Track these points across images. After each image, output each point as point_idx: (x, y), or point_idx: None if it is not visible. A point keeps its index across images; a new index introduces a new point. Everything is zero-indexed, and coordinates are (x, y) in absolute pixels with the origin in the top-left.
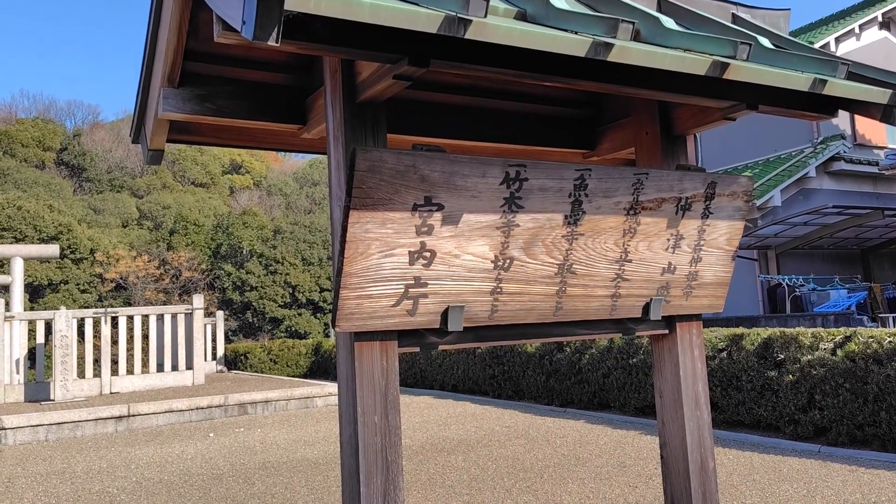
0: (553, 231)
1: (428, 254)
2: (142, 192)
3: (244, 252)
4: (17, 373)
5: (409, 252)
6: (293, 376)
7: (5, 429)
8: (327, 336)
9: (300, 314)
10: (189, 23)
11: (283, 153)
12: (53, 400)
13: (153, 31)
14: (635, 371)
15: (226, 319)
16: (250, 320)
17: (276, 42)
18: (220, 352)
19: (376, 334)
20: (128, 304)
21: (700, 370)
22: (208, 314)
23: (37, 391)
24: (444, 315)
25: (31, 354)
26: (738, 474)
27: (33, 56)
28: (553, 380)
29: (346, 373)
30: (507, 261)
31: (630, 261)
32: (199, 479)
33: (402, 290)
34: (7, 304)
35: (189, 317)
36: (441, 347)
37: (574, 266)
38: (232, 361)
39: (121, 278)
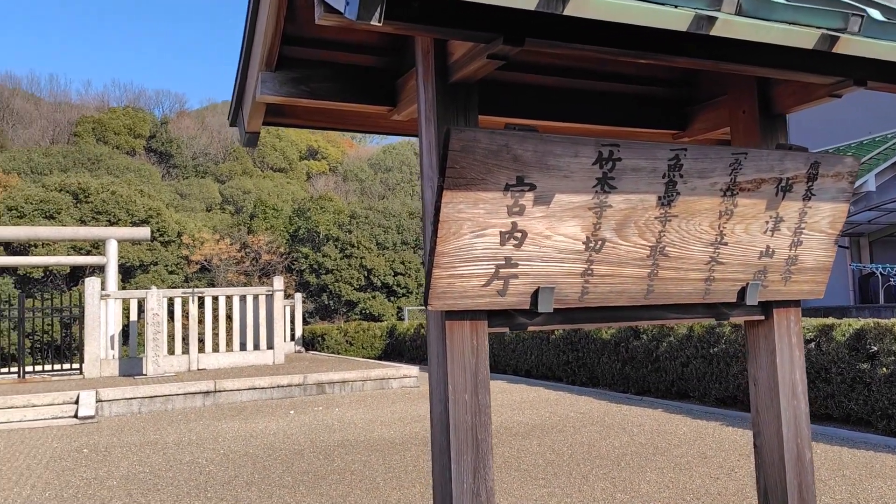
0: (646, 212)
1: (519, 234)
2: (224, 178)
3: (321, 236)
4: (112, 348)
5: (501, 232)
6: (368, 358)
7: (102, 401)
8: (401, 319)
9: (374, 297)
10: (287, 7)
11: (358, 139)
12: (145, 375)
13: (252, 17)
14: (716, 360)
15: (303, 301)
16: (326, 303)
17: (379, 22)
18: (298, 332)
19: (467, 313)
20: (211, 285)
21: (798, 358)
22: (287, 296)
23: (130, 366)
24: (534, 296)
25: (125, 331)
26: (826, 468)
27: (124, 48)
28: (629, 367)
29: (436, 351)
30: (599, 242)
31: (726, 244)
32: (281, 453)
33: (493, 271)
34: (103, 284)
35: (270, 298)
36: (529, 328)
37: (667, 248)
38: (309, 342)
39: (205, 260)
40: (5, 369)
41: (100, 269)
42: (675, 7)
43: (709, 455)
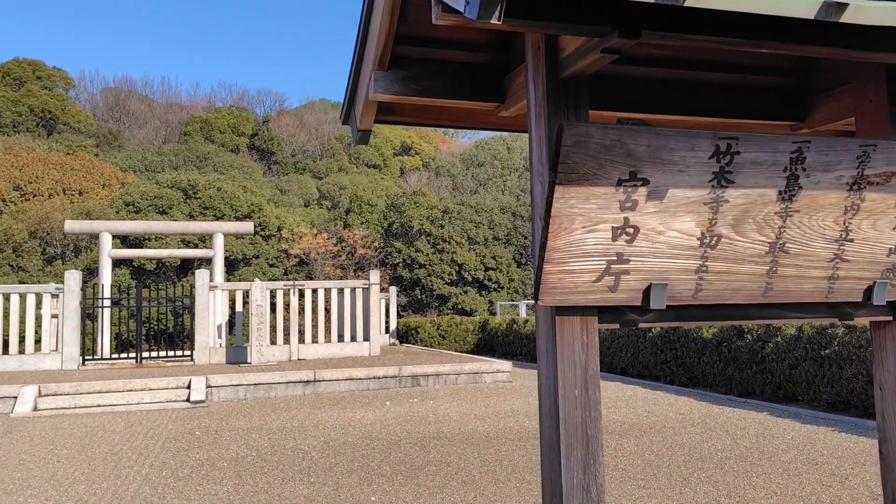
0: (765, 207)
1: (631, 230)
2: (321, 174)
3: (414, 231)
4: (219, 337)
5: (612, 228)
6: (460, 351)
7: (211, 387)
8: (492, 314)
9: (466, 292)
10: (400, 8)
11: (450, 134)
12: (249, 363)
13: (366, 19)
14: (828, 363)
15: (397, 295)
16: (419, 296)
17: (499, 20)
18: (393, 325)
19: (577, 309)
20: (309, 278)
21: None
22: (382, 290)
23: (236, 354)
24: (646, 292)
25: (230, 321)
26: None
27: (230, 50)
28: (731, 368)
29: (546, 346)
30: (715, 238)
31: (851, 240)
32: (379, 443)
33: (604, 266)
34: (210, 276)
35: (366, 291)
36: (640, 325)
37: (787, 245)
38: (403, 335)
39: (303, 254)
40: (124, 355)
41: (207, 262)
42: None
43: (819, 462)
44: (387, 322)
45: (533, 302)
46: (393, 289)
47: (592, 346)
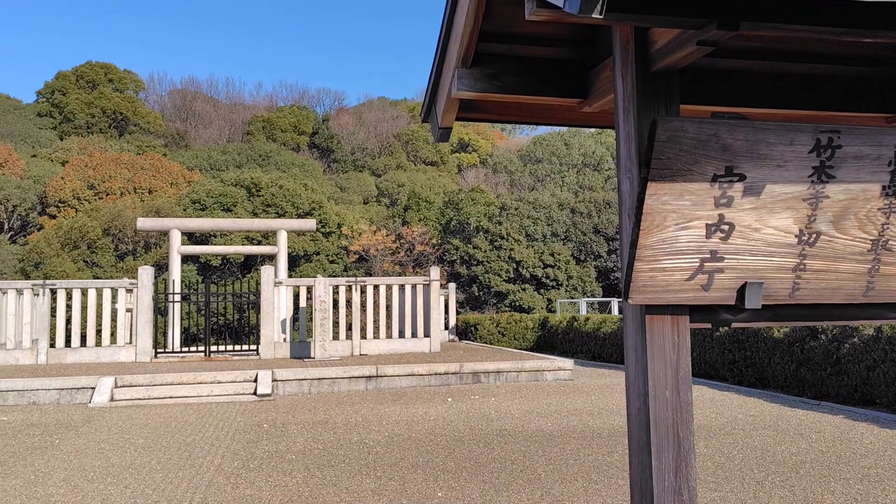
0: (868, 203)
1: (726, 227)
2: (380, 171)
3: (471, 227)
4: (284, 332)
5: (706, 224)
6: (519, 349)
7: (277, 380)
8: (551, 311)
9: (524, 289)
10: (485, 5)
11: (507, 130)
12: (313, 358)
13: (449, 17)
14: None
15: (455, 292)
16: (476, 293)
17: (600, 14)
18: (452, 322)
19: (668, 308)
20: (368, 274)
21: None
22: (441, 286)
23: (299, 349)
24: (740, 291)
25: (294, 316)
26: None
27: (291, 49)
28: (804, 369)
29: (634, 346)
30: (813, 235)
31: None
32: (442, 439)
33: (697, 264)
34: (275, 272)
35: (426, 288)
36: (734, 325)
37: (890, 242)
38: (462, 331)
39: (362, 251)
40: (193, 348)
41: (270, 258)
42: None
43: None
44: (446, 319)
45: (592, 300)
46: (452, 285)
47: (684, 346)
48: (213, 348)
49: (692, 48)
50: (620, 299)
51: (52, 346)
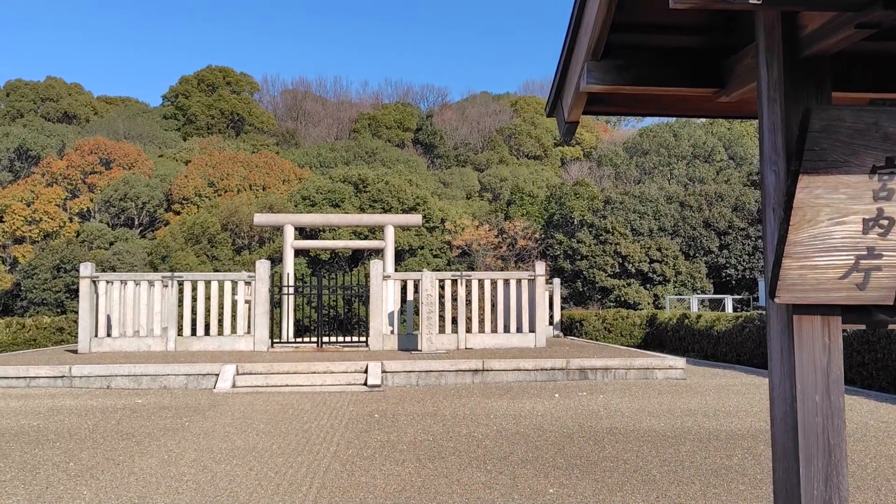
0: None
1: (885, 222)
2: (482, 166)
3: (575, 222)
4: (391, 325)
5: (864, 220)
6: (626, 346)
7: (386, 372)
8: (659, 308)
9: (629, 284)
10: None
11: (612, 122)
12: (420, 351)
13: (579, 9)
14: None
15: (559, 287)
16: (580, 289)
17: (760, 0)
18: (557, 317)
19: (818, 308)
20: (471, 268)
21: None
22: (546, 281)
23: (406, 342)
24: None
25: (401, 309)
26: None
27: (396, 47)
28: None
29: (780, 347)
30: None
31: None
32: (551, 435)
33: (852, 262)
34: (382, 266)
35: (531, 283)
36: (890, 326)
37: None
38: (567, 327)
39: (465, 245)
40: (305, 339)
41: (376, 253)
42: None
43: None
44: (550, 314)
45: (704, 296)
46: (556, 280)
47: (835, 348)
48: (324, 339)
49: (849, 31)
50: (734, 296)
51: (180, 334)
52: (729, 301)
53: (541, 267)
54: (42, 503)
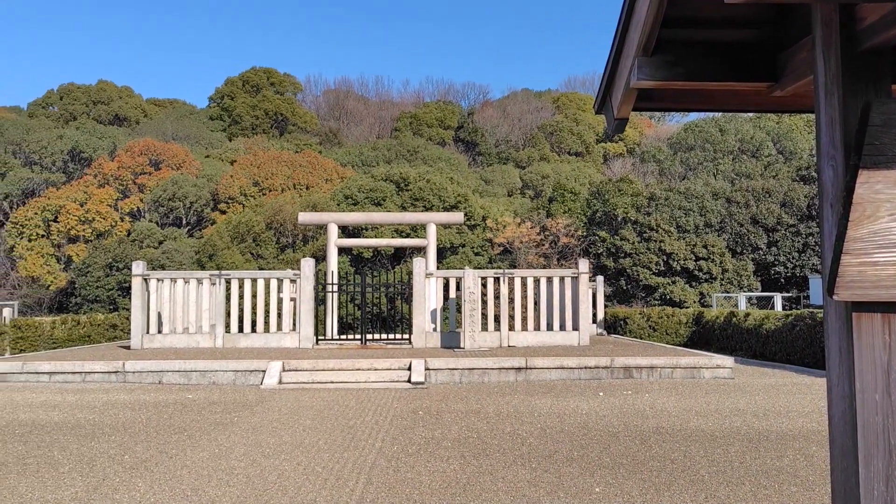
0: None
1: None
2: (523, 164)
3: (618, 219)
4: (433, 322)
5: None
6: (672, 345)
7: (429, 369)
8: (705, 306)
9: (674, 282)
10: None
11: (656, 118)
12: (462, 348)
13: (629, 5)
14: None
15: (603, 285)
16: (624, 287)
17: None
18: (600, 315)
19: (878, 305)
20: (512, 266)
21: None
22: (589, 279)
23: (449, 339)
24: None
25: (443, 307)
26: None
27: (437, 45)
28: None
29: (838, 345)
30: None
31: None
32: (596, 434)
33: None
34: (424, 264)
35: (575, 280)
36: None
37: None
38: (611, 325)
39: (507, 243)
40: (349, 336)
41: (418, 251)
42: None
43: None
44: (594, 312)
45: (751, 294)
46: (600, 278)
47: None
48: (368, 336)
49: None
50: (784, 294)
51: (227, 331)
52: (778, 299)
53: (584, 264)
54: (99, 494)
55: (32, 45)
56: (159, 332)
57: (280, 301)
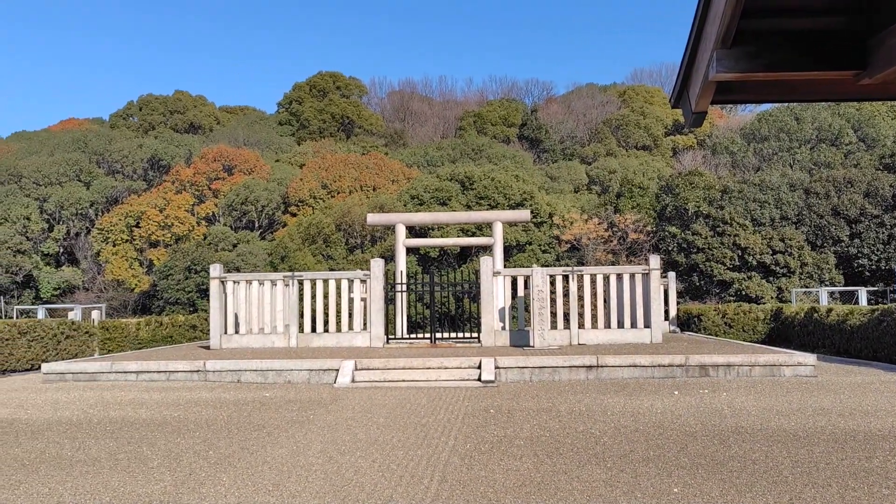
0: None
1: None
2: (589, 159)
3: (689, 213)
4: (502, 321)
5: None
6: (749, 342)
7: (499, 368)
8: (783, 301)
9: (750, 277)
10: None
11: (728, 109)
12: (532, 346)
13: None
14: None
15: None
16: (696, 283)
17: None
18: (673, 312)
19: None
20: (580, 263)
21: None
22: (660, 275)
23: (518, 338)
24: None
25: (512, 305)
26: None
27: (500, 43)
28: None
29: None
30: None
31: None
32: (672, 433)
33: None
34: (491, 262)
35: (646, 277)
36: None
37: None
38: (684, 322)
39: (574, 240)
40: (419, 335)
41: (484, 249)
42: None
43: None
44: (666, 309)
45: (833, 289)
46: (671, 274)
47: None
48: (436, 335)
49: None
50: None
51: (301, 331)
52: (863, 293)
53: (655, 260)
54: (187, 488)
55: (113, 58)
56: (236, 332)
57: (351, 301)
